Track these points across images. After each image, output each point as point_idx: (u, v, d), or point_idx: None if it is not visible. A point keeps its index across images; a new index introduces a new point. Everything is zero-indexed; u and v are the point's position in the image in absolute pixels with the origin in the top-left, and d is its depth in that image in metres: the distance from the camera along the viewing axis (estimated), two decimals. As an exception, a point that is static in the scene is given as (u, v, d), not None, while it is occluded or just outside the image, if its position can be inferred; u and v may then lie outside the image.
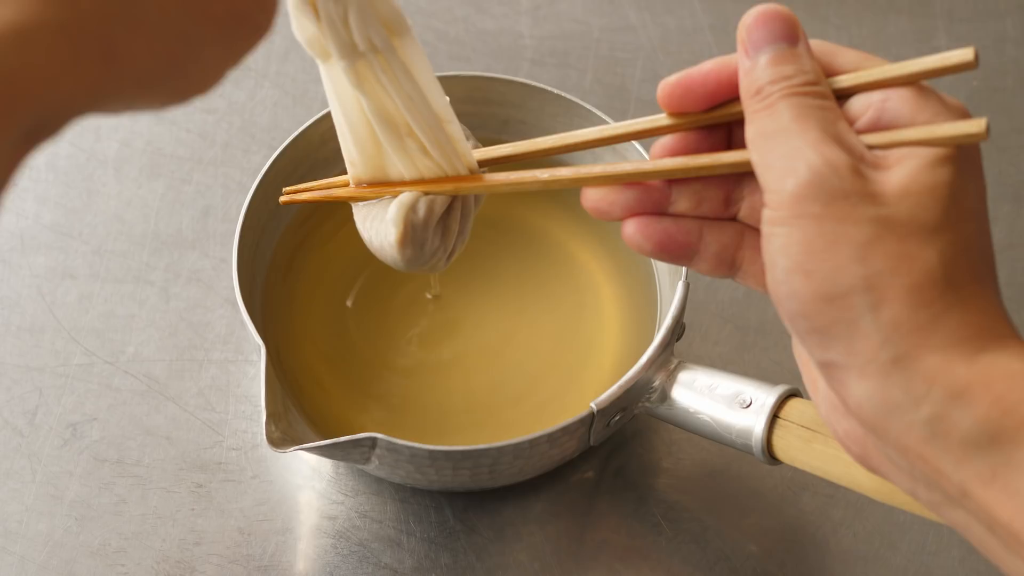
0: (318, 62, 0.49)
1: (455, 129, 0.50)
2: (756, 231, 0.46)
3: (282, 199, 0.55)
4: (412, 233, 0.51)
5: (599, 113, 0.68)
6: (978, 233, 0.41)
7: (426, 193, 0.51)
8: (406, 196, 0.51)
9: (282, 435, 0.56)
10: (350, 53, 0.47)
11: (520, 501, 0.65)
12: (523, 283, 0.70)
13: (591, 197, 0.47)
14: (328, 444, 0.56)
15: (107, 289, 0.71)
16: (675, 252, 0.47)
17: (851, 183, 0.40)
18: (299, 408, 0.64)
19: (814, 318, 0.40)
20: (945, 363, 0.39)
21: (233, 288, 0.62)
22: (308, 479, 0.65)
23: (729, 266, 0.47)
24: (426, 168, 0.51)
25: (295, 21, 0.47)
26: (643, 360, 0.60)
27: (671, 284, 0.65)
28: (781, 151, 0.41)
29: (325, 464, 0.66)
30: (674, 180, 0.47)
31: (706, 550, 0.64)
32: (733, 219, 0.47)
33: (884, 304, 0.39)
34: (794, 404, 0.57)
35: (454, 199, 0.52)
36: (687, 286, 0.62)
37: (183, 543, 0.63)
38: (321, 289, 0.69)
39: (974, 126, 0.40)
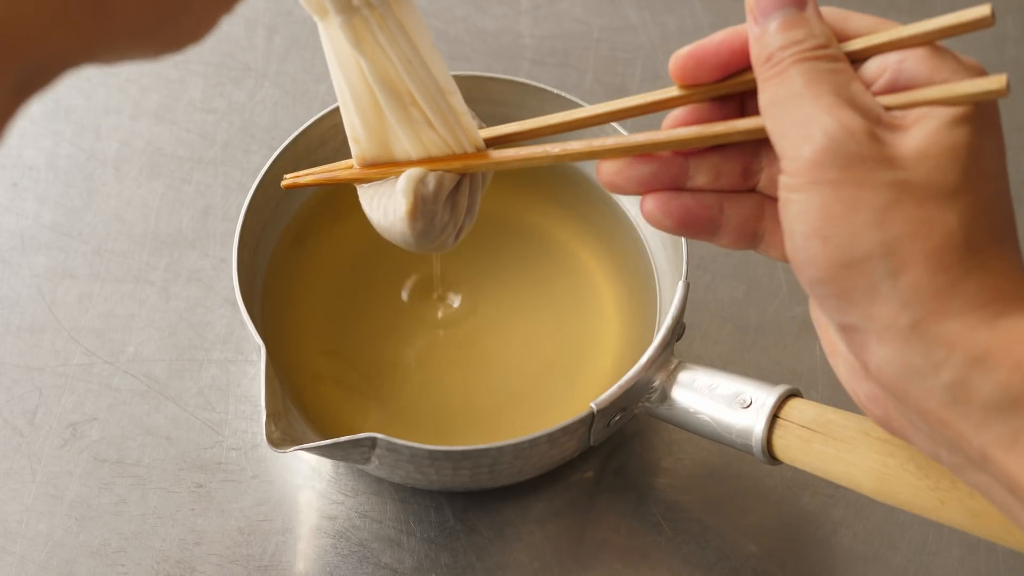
0: (316, 21, 0.48)
1: (458, 101, 0.49)
2: (776, 201, 0.46)
3: (284, 183, 0.55)
4: (423, 205, 0.50)
5: (599, 113, 0.68)
6: (997, 194, 0.41)
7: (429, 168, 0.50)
8: (415, 169, 0.50)
9: (282, 435, 0.56)
10: (346, 7, 0.46)
11: (520, 501, 0.65)
12: (523, 283, 0.70)
13: (607, 171, 0.46)
14: (328, 444, 0.56)
15: (107, 289, 0.71)
16: (696, 227, 0.46)
17: (868, 147, 0.40)
18: (299, 408, 0.64)
19: (833, 283, 0.40)
20: (965, 328, 0.39)
21: (233, 288, 0.62)
22: (308, 479, 0.65)
23: (751, 238, 0.47)
24: (432, 143, 0.50)
25: None
26: (643, 360, 0.60)
27: (671, 284, 0.65)
28: (795, 117, 0.41)
29: (325, 464, 0.66)
30: (691, 153, 0.46)
31: (706, 550, 0.64)
32: (752, 191, 0.46)
33: (903, 269, 0.39)
34: (794, 404, 0.57)
35: (463, 176, 0.51)
36: (687, 286, 0.62)
37: (183, 543, 0.63)
38: (321, 289, 0.69)
39: (994, 82, 0.40)
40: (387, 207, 0.51)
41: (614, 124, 0.65)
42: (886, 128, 0.41)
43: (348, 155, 0.71)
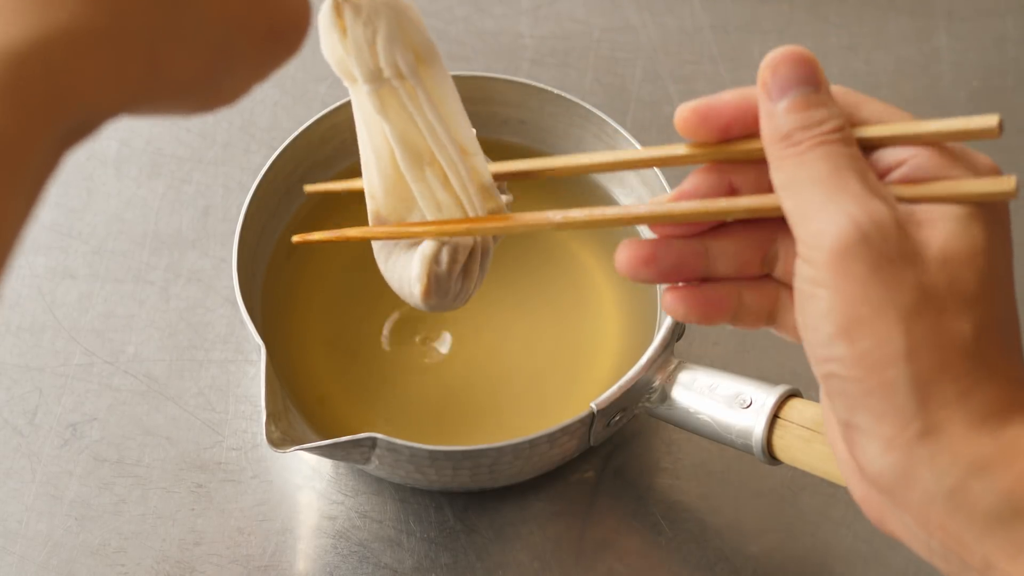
0: (346, 84, 0.48)
1: (479, 163, 0.49)
2: (791, 288, 0.45)
3: (295, 239, 0.54)
4: (436, 285, 0.50)
5: (599, 113, 0.68)
6: (1006, 301, 0.40)
7: (442, 240, 0.50)
8: (428, 247, 0.49)
9: (282, 435, 0.56)
10: (375, 78, 0.46)
11: (520, 501, 0.65)
12: (523, 283, 0.70)
13: (628, 263, 0.45)
14: (328, 444, 0.56)
15: (107, 289, 0.71)
16: (716, 317, 0.46)
17: (896, 244, 0.39)
18: (299, 408, 0.64)
19: (850, 383, 0.39)
20: (970, 437, 0.38)
21: (233, 288, 0.62)
22: (308, 479, 0.65)
23: (768, 319, 0.46)
24: (445, 203, 0.49)
25: (324, 40, 0.46)
26: (643, 360, 0.60)
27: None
28: (818, 203, 0.39)
29: (325, 464, 0.66)
30: (710, 243, 0.45)
31: (706, 550, 0.64)
32: (768, 276, 0.46)
33: (922, 377, 0.38)
34: (794, 404, 0.57)
35: (475, 244, 0.51)
36: (687, 286, 0.62)
37: (183, 543, 0.63)
38: (321, 289, 0.69)
39: (1003, 184, 0.39)
40: (402, 277, 0.51)
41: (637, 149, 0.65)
42: (904, 223, 0.40)
43: (348, 156, 0.71)
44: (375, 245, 0.53)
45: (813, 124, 0.41)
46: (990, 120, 0.40)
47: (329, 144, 0.69)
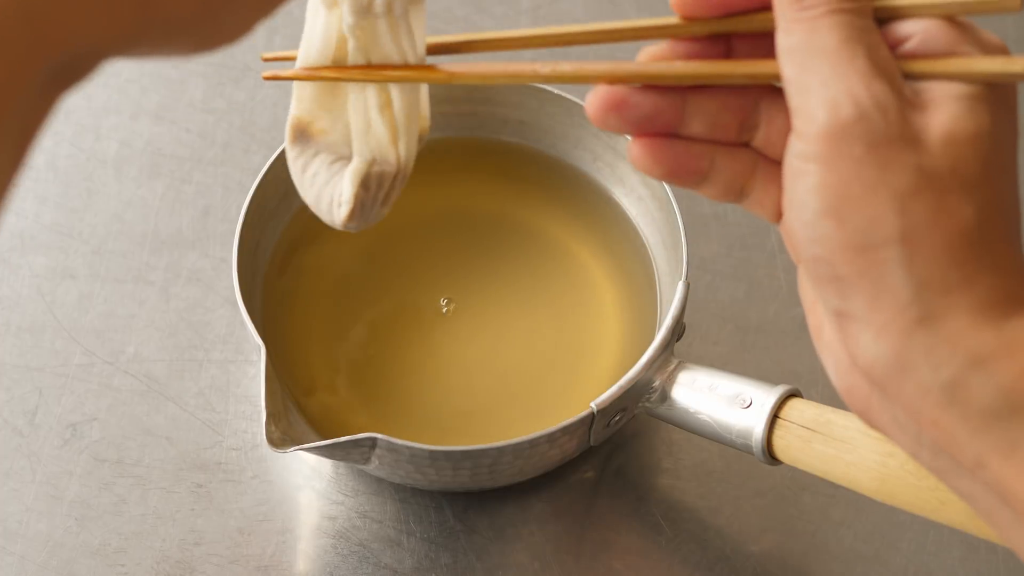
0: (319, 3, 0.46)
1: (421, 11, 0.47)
2: (770, 161, 0.43)
3: (264, 75, 0.52)
4: (360, 210, 0.48)
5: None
6: (1010, 189, 0.39)
7: (371, 163, 0.47)
8: (359, 169, 0.47)
9: (282, 435, 0.56)
10: (364, 12, 0.45)
11: (520, 501, 0.65)
12: (523, 283, 0.70)
13: (599, 105, 0.42)
14: (328, 444, 0.56)
15: (107, 289, 0.71)
16: (684, 177, 0.43)
17: (897, 125, 0.37)
18: (299, 408, 0.64)
19: (839, 266, 0.38)
20: (970, 327, 0.37)
21: (233, 288, 0.62)
22: (308, 479, 0.65)
23: (737, 193, 0.44)
24: (375, 124, 0.47)
25: None
26: (643, 360, 0.60)
27: (671, 284, 0.65)
28: (823, 76, 0.38)
29: (325, 464, 0.66)
30: (689, 98, 0.43)
31: (706, 550, 0.64)
32: (745, 145, 0.44)
33: (918, 260, 0.37)
34: (794, 404, 0.57)
35: (397, 171, 0.48)
36: (687, 286, 0.62)
37: (183, 543, 0.63)
38: (321, 289, 0.69)
39: (1015, 64, 0.38)
40: (321, 195, 0.48)
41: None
42: (907, 104, 0.38)
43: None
44: (290, 152, 0.49)
45: None
46: None
47: (329, 144, 0.69)
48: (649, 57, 0.43)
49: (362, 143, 0.48)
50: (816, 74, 0.38)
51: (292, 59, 0.49)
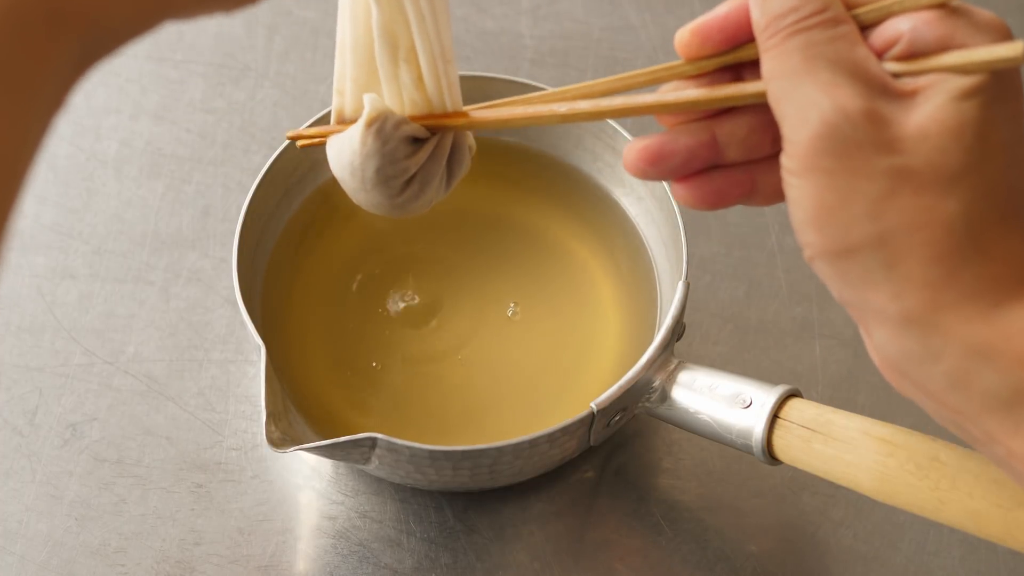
0: None
1: (454, 72, 0.48)
2: None
3: (300, 144, 0.52)
4: (382, 124, 0.48)
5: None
6: (1008, 166, 0.39)
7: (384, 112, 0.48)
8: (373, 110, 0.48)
9: (282, 435, 0.56)
10: None
11: (520, 501, 0.65)
12: (523, 283, 0.70)
13: (636, 158, 0.44)
14: (328, 444, 0.56)
15: (107, 289, 0.71)
16: (731, 202, 0.45)
17: (864, 132, 0.38)
18: (299, 408, 0.64)
19: (829, 266, 0.40)
20: (961, 320, 0.38)
21: (233, 288, 0.62)
22: (308, 479, 0.65)
23: (783, 196, 0.44)
24: (412, 104, 0.48)
25: None
26: (643, 360, 0.60)
27: (671, 284, 0.65)
28: (792, 96, 0.40)
29: (325, 464, 0.66)
30: (717, 131, 0.45)
31: (706, 550, 0.64)
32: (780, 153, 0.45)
33: (897, 261, 0.38)
34: (794, 404, 0.57)
35: (437, 146, 0.49)
36: (687, 286, 0.62)
37: (183, 543, 0.63)
38: (321, 289, 0.69)
39: (1009, 50, 0.38)
40: (343, 138, 0.49)
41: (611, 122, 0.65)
42: (892, 98, 0.39)
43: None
44: (330, 142, 0.51)
45: (790, 10, 0.40)
46: (1016, 48, 0.38)
47: (329, 144, 0.69)
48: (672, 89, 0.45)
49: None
50: (786, 96, 0.40)
51: (312, 136, 0.52)
